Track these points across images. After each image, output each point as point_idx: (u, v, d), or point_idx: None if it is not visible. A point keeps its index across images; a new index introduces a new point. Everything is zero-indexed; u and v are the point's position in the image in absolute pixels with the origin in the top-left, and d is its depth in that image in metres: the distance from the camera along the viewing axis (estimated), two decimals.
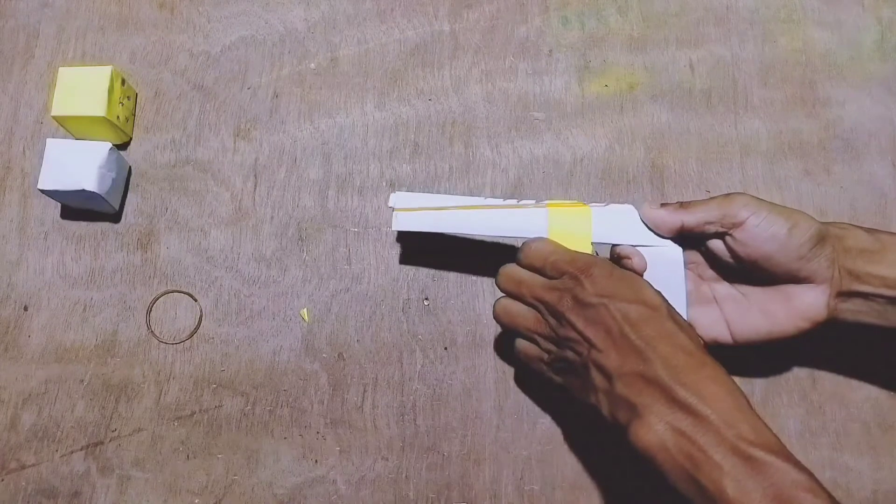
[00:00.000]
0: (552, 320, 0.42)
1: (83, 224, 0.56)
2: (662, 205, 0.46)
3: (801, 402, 0.52)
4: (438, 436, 0.52)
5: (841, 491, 0.50)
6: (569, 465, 0.51)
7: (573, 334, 0.41)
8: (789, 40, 0.60)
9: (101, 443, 0.52)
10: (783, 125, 0.57)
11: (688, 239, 0.46)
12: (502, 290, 0.46)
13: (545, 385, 0.52)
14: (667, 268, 0.46)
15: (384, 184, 0.56)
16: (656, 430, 0.36)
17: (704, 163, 0.57)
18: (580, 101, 0.58)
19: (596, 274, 0.41)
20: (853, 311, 0.44)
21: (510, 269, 0.45)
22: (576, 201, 0.47)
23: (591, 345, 0.40)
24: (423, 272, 0.55)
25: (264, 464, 0.51)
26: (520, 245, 0.46)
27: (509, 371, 0.53)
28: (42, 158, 0.52)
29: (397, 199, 0.49)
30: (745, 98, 0.58)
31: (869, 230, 0.44)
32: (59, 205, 0.56)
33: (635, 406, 0.37)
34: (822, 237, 0.43)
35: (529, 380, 0.53)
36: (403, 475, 0.51)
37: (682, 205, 0.45)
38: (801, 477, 0.34)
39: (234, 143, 0.58)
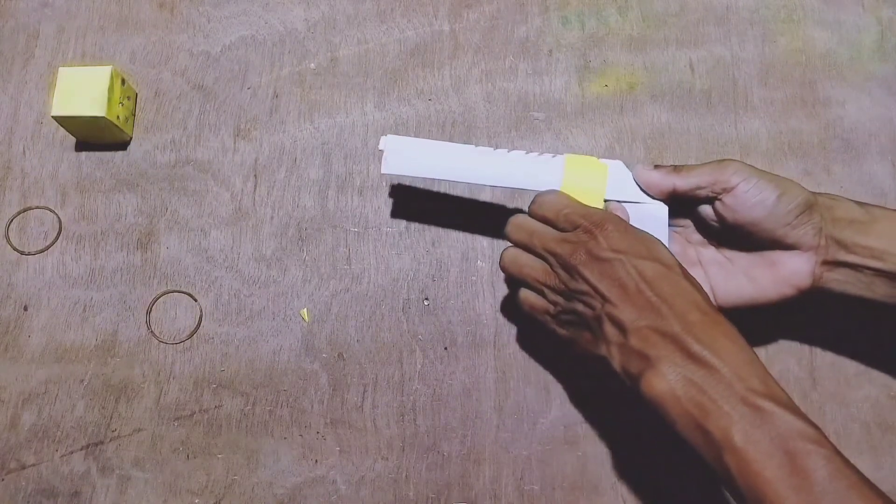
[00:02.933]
0: (563, 273, 0.42)
1: (83, 224, 0.56)
2: (656, 167, 0.46)
3: (801, 402, 0.51)
4: (438, 436, 0.52)
5: None
6: (569, 465, 0.51)
7: (585, 287, 0.41)
8: (789, 40, 0.60)
9: (101, 443, 0.52)
10: (783, 125, 0.57)
11: (678, 202, 0.47)
12: (511, 241, 0.46)
13: (545, 383, 0.52)
14: (651, 225, 0.45)
15: (384, 184, 0.56)
16: (669, 379, 0.37)
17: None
18: (580, 101, 0.58)
19: (611, 229, 0.42)
20: (840, 281, 0.44)
21: (521, 220, 0.46)
22: (590, 156, 0.47)
23: (605, 299, 0.40)
24: (423, 272, 0.55)
25: (264, 464, 0.51)
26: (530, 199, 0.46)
27: (509, 371, 0.53)
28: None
29: (388, 142, 0.47)
30: (745, 98, 0.58)
31: (859, 203, 0.44)
32: (61, 205, 0.56)
33: (649, 357, 0.38)
34: (809, 205, 0.43)
35: (529, 376, 0.53)
36: (403, 475, 0.51)
37: (676, 168, 0.46)
38: (808, 428, 0.34)
39: (234, 143, 0.58)
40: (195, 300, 0.54)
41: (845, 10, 0.60)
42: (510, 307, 0.54)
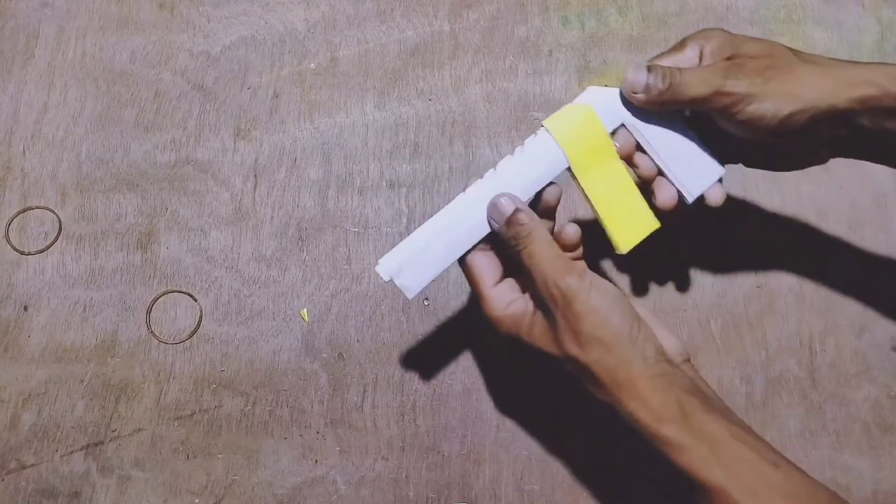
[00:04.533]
0: None
1: (83, 224, 0.56)
2: (649, 67, 0.40)
3: (801, 402, 0.52)
4: (438, 436, 0.52)
5: (841, 491, 0.50)
6: (569, 465, 0.51)
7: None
8: (789, 40, 0.60)
9: (101, 443, 0.52)
10: None
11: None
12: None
13: (544, 384, 0.52)
14: (672, 125, 0.42)
15: (384, 184, 0.56)
16: None
17: None
18: None
19: (569, 317, 0.37)
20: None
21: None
22: (565, 107, 0.43)
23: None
24: None
25: (264, 464, 0.51)
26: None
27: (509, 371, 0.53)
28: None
29: (386, 266, 0.41)
30: None
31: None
32: (61, 205, 0.56)
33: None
34: (831, 108, 0.38)
35: (530, 378, 0.53)
36: (403, 475, 0.51)
37: (671, 85, 0.40)
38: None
39: (234, 143, 0.58)
40: (195, 300, 0.54)
41: (845, 10, 0.60)
42: None
